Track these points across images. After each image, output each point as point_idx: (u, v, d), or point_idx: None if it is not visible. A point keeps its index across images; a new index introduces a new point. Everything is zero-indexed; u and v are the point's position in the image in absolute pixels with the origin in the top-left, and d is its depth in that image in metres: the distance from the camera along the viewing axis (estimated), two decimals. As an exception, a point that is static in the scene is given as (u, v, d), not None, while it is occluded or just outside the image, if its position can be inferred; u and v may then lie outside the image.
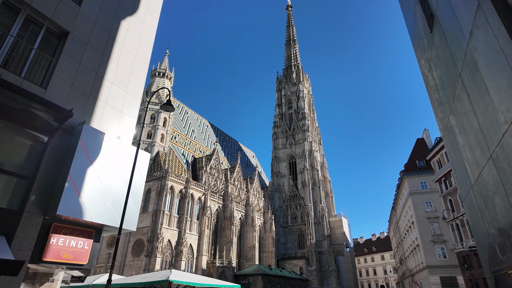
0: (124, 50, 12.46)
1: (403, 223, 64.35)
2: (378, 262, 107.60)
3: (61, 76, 9.90)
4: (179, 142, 73.19)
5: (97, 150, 9.87)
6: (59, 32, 10.43)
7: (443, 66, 4.88)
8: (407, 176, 54.27)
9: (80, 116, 10.18)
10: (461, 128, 4.78)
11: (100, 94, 11.09)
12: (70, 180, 8.85)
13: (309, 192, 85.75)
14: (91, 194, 9.44)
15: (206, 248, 58.03)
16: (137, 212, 10.72)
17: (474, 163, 4.43)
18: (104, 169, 10.04)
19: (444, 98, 4.89)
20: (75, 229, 9.21)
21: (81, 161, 9.30)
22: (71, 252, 8.99)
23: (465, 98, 4.44)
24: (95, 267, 53.14)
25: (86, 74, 10.76)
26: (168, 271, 16.18)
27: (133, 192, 10.73)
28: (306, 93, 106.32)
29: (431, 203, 50.65)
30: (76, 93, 10.24)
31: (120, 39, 12.41)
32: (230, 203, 66.55)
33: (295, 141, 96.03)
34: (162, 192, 53.35)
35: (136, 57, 12.99)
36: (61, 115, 8.90)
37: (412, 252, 56.50)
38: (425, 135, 59.07)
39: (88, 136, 9.67)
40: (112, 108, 11.40)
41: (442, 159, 46.16)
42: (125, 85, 12.13)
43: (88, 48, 11.02)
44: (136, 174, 11.00)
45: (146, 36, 13.80)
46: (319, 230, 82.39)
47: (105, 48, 11.68)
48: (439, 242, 47.66)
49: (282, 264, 76.83)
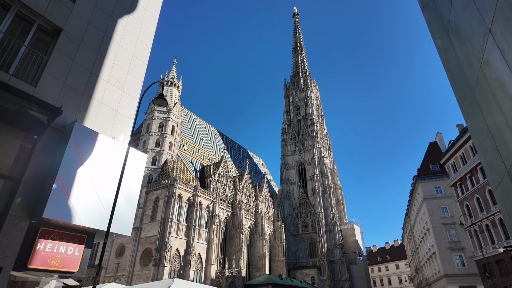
0: (121, 49, 12.06)
1: (417, 230, 62.19)
2: (393, 271, 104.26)
3: (52, 74, 9.49)
4: (187, 150, 73.02)
5: (89, 150, 9.35)
6: (51, 29, 10.07)
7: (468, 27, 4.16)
8: (421, 181, 52.53)
9: (72, 115, 9.72)
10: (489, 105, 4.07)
11: (95, 93, 10.64)
12: (59, 181, 8.31)
13: (319, 199, 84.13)
14: (82, 196, 8.88)
15: (215, 257, 57.04)
16: (132, 216, 10.10)
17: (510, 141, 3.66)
18: (97, 171, 9.49)
19: (468, 68, 4.15)
20: (64, 234, 8.63)
21: (71, 161, 8.77)
22: (60, 258, 8.40)
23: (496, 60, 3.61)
24: (101, 274, 52.78)
25: (80, 72, 10.34)
26: (171, 280, 15.44)
27: (128, 196, 10.15)
28: (314, 99, 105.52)
29: (446, 208, 48.75)
30: (68, 92, 9.80)
31: (117, 37, 12.02)
32: (239, 211, 65.61)
33: (304, 147, 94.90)
34: (170, 200, 52.89)
35: (134, 56, 12.57)
36: (50, 112, 8.43)
37: (429, 260, 54.31)
38: (438, 139, 57.40)
39: (79, 136, 9.16)
40: (108, 107, 10.93)
41: (457, 162, 44.55)
42: (122, 84, 11.68)
43: (83, 46, 10.63)
44: (132, 177, 10.43)
45: (145, 35, 13.41)
46: (331, 238, 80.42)
47: (101, 46, 11.29)
48: (457, 250, 45.61)
49: (293, 274, 75.01)
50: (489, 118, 4.00)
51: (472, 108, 4.53)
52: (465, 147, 42.31)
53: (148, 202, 56.26)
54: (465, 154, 42.42)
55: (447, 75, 5.61)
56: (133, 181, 10.47)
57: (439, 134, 57.52)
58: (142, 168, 10.90)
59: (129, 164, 10.45)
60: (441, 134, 57.23)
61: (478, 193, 39.35)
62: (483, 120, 4.19)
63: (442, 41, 5.34)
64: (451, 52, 4.90)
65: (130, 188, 10.27)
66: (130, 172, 10.40)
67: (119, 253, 55.02)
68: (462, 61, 4.54)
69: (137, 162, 10.76)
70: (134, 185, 10.47)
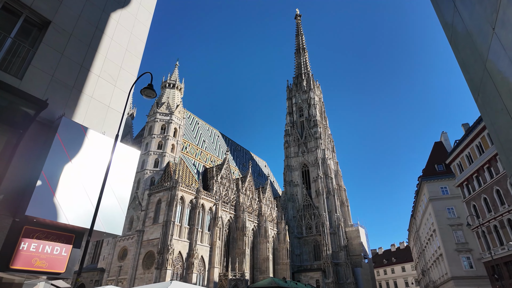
0: (113, 43, 11.72)
1: (423, 231, 61.15)
2: (399, 273, 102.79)
3: (39, 67, 9.15)
4: (190, 153, 72.77)
5: (77, 145, 8.96)
6: (39, 21, 9.74)
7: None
8: (426, 182, 51.64)
9: (61, 110, 9.35)
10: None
11: (85, 87, 10.28)
12: (44, 178, 7.92)
13: (323, 201, 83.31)
14: (70, 194, 8.48)
15: (218, 260, 56.48)
16: (123, 215, 9.68)
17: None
18: (86, 167, 9.09)
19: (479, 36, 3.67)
20: (51, 233, 8.22)
21: (58, 157, 8.39)
22: (46, 259, 7.98)
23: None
24: (104, 278, 52.34)
25: (70, 65, 9.99)
26: (168, 282, 15.00)
27: (119, 194, 9.73)
28: (317, 100, 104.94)
29: (453, 209, 47.81)
30: (57, 85, 9.44)
31: (110, 31, 11.68)
32: (242, 213, 65.06)
33: (308, 149, 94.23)
34: (172, 203, 52.53)
35: (128, 51, 12.22)
36: (35, 106, 8.06)
37: (435, 262, 53.27)
38: (444, 138, 56.52)
39: (67, 130, 8.77)
40: (99, 102, 10.56)
41: (463, 162, 43.72)
42: (114, 79, 11.32)
43: (73, 39, 10.29)
44: (124, 174, 10.01)
45: (139, 30, 13.06)
46: (335, 240, 79.47)
47: (92, 40, 10.95)
48: (464, 251, 44.63)
49: (298, 277, 74.11)
50: (505, 90, 3.53)
51: (484, 82, 4.06)
52: (471, 146, 41.49)
53: (151, 205, 55.97)
54: (472, 153, 41.59)
55: (454, 54, 5.12)
56: (125, 178, 10.06)
57: (444, 133, 56.66)
58: (135, 164, 10.49)
59: (121, 161, 10.06)
60: (446, 134, 56.37)
61: (486, 193, 38.49)
62: (497, 94, 3.72)
63: (447, 14, 4.88)
64: (458, 24, 4.43)
65: (121, 186, 9.85)
66: (122, 169, 10.00)
67: (122, 256, 54.73)
68: (472, 30, 4.08)
69: (129, 159, 10.35)
70: (126, 182, 10.06)
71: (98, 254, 59.67)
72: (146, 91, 9.41)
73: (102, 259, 56.92)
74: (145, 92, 9.43)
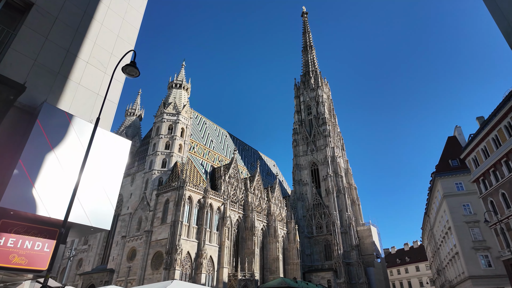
0: (104, 29, 11.11)
1: (438, 229, 59.26)
2: (413, 273, 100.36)
3: (20, 51, 8.57)
4: (198, 153, 72.44)
5: (61, 133, 8.34)
6: (22, 3, 9.17)
7: None
8: (440, 178, 49.92)
9: (45, 96, 8.74)
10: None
11: (72, 73, 9.68)
12: (21, 166, 7.30)
13: (333, 200, 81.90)
14: (52, 185, 7.85)
15: (227, 260, 55.83)
16: (112, 209, 9.00)
17: None
18: (71, 157, 8.45)
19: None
20: (31, 228, 7.61)
21: (38, 145, 7.77)
22: (25, 255, 7.36)
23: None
24: (113, 278, 52.26)
25: (54, 50, 9.40)
26: (169, 281, 14.35)
27: (108, 186, 9.06)
28: (325, 98, 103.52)
29: (469, 206, 46.03)
30: (40, 70, 8.85)
31: (99, 16, 11.08)
32: (250, 213, 64.32)
33: (316, 147, 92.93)
34: (180, 202, 52.18)
35: (119, 37, 11.61)
36: (12, 90, 7.45)
37: (451, 261, 51.45)
38: (457, 133, 54.64)
39: (49, 117, 8.16)
40: (87, 90, 9.95)
41: (479, 156, 42.00)
42: (104, 66, 10.71)
43: (58, 23, 9.69)
44: (113, 164, 9.35)
45: (132, 16, 12.45)
46: (347, 240, 77.99)
47: (80, 25, 10.35)
48: (482, 249, 42.84)
49: (309, 277, 72.93)
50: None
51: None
52: (487, 139, 39.80)
53: (159, 205, 55.77)
54: (488, 147, 39.89)
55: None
56: (115, 170, 9.40)
57: (458, 128, 54.79)
58: (126, 156, 9.82)
59: (110, 151, 9.41)
60: (460, 128, 54.50)
61: (504, 188, 36.79)
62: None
63: None
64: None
65: (110, 177, 9.19)
66: (111, 159, 9.35)
67: (131, 257, 54.60)
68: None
69: (119, 149, 9.69)
70: (115, 173, 9.40)
71: (108, 255, 59.76)
72: (128, 69, 8.72)
73: (111, 260, 56.93)
74: (127, 70, 8.74)
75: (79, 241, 65.69)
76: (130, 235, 56.84)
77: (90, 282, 55.29)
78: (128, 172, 66.95)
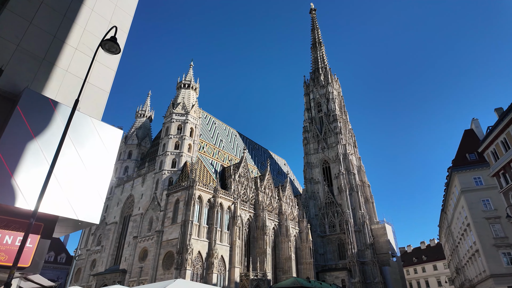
0: (94, 14, 10.59)
1: (456, 226, 57.14)
2: (430, 272, 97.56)
3: (1, 35, 8.05)
4: (207, 152, 72.21)
5: (44, 121, 7.80)
6: (5, -13, 8.69)
7: None
8: (457, 172, 48.01)
9: (28, 83, 8.22)
10: None
11: (59, 60, 9.16)
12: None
13: (346, 198, 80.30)
14: (33, 176, 7.30)
15: (238, 260, 55.28)
16: (101, 202, 8.42)
17: None
18: (56, 146, 7.89)
19: None
20: (11, 221, 7.08)
21: (18, 133, 7.24)
22: (5, 251, 6.84)
23: None
24: (126, 279, 52.37)
25: (40, 35, 8.90)
26: (172, 280, 13.76)
27: (97, 178, 8.48)
28: (336, 94, 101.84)
29: (489, 201, 44.05)
30: (23, 56, 8.35)
31: (90, 1, 10.55)
32: (261, 212, 63.59)
33: (328, 145, 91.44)
34: (190, 202, 51.93)
35: (111, 24, 11.05)
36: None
37: (471, 259, 49.42)
38: (474, 125, 52.52)
39: (31, 104, 7.63)
40: (75, 77, 9.42)
41: (499, 149, 40.04)
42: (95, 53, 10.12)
43: (44, 8, 9.20)
44: (102, 155, 8.76)
45: (125, 2, 11.90)
46: (361, 238, 76.31)
47: (68, 10, 9.83)
48: (504, 246, 40.89)
49: (322, 277, 71.63)
50: None
51: None
52: (507, 131, 37.87)
53: (169, 205, 55.69)
54: (508, 139, 37.96)
55: None
56: (104, 160, 8.82)
57: (475, 120, 52.67)
58: (116, 145, 9.24)
59: (100, 141, 8.84)
60: (478, 121, 52.37)
61: (526, 181, 34.91)
62: None
63: None
64: None
65: (99, 169, 8.61)
66: (100, 150, 8.77)
67: (142, 257, 54.69)
68: None
69: (109, 139, 9.12)
70: (105, 164, 8.82)
71: (120, 255, 60.07)
72: (108, 44, 8.09)
73: (123, 260, 57.18)
74: (106, 46, 8.12)
75: (92, 242, 66.38)
76: (141, 235, 56.97)
77: (103, 282, 55.62)
78: (139, 173, 67.28)
